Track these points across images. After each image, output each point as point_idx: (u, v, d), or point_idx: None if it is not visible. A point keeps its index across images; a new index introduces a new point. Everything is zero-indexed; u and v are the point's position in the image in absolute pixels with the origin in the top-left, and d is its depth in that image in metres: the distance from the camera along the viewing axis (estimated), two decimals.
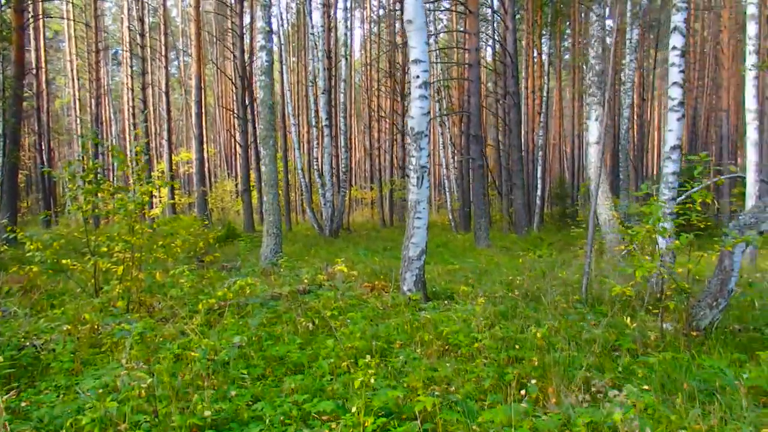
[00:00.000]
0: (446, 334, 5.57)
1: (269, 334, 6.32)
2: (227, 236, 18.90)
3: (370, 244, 19.36)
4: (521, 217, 22.99)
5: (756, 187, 13.18)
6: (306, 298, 8.14)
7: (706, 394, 4.12)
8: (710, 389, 4.17)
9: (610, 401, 3.93)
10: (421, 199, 8.20)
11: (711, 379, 4.34)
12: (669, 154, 7.93)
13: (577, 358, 4.77)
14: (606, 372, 4.59)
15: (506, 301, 7.54)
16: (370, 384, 4.43)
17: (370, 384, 4.43)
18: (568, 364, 4.58)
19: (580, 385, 4.23)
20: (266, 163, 12.17)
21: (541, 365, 4.60)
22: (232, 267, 12.24)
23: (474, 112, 19.61)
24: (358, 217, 40.26)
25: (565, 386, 4.15)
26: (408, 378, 4.41)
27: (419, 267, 8.42)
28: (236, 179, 39.19)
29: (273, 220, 12.19)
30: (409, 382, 4.35)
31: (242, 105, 26.21)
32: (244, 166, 26.46)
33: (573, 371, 4.48)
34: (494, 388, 4.51)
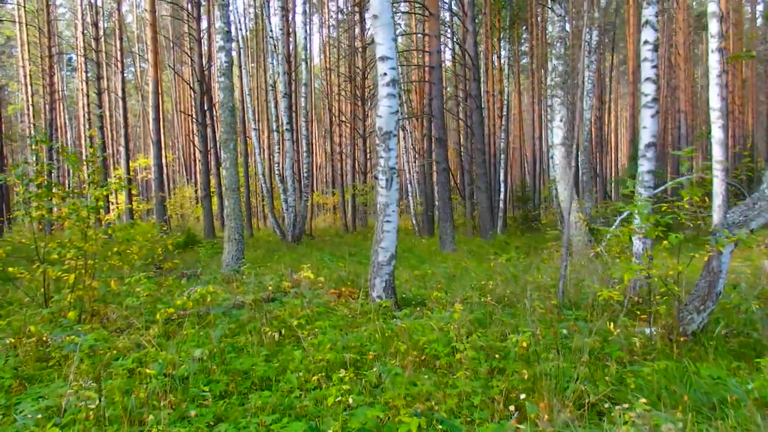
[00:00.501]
0: (422, 344, 5.27)
1: (232, 345, 5.96)
2: (187, 243, 18.36)
3: (334, 250, 19.00)
4: (486, 220, 22.87)
5: (722, 186, 13.22)
6: (271, 306, 7.78)
7: (709, 407, 3.89)
8: (712, 401, 3.94)
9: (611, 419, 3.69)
10: (391, 202, 7.91)
11: (712, 390, 4.10)
12: (644, 152, 7.78)
13: (566, 369, 4.50)
14: (597, 383, 4.33)
15: (481, 307, 7.29)
16: (344, 401, 4.12)
17: (344, 401, 4.12)
18: (557, 375, 4.30)
19: (573, 400, 3.96)
20: (227, 166, 11.74)
21: (531, 377, 4.32)
22: (192, 274, 11.78)
23: (437, 115, 19.42)
24: (320, 223, 39.82)
25: (558, 401, 3.87)
26: (386, 394, 4.09)
27: (389, 272, 8.12)
28: (196, 185, 38.44)
29: (235, 226, 11.76)
30: (388, 398, 4.03)
31: (201, 110, 25.63)
32: (204, 172, 25.87)
33: (563, 383, 4.21)
34: (480, 403, 4.23)
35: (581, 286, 8.24)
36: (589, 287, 8.21)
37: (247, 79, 25.91)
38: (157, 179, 24.59)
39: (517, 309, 7.59)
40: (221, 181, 27.14)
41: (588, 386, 4.20)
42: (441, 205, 19.22)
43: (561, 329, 5.97)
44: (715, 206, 13.75)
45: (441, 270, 13.00)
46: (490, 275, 11.03)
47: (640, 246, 7.87)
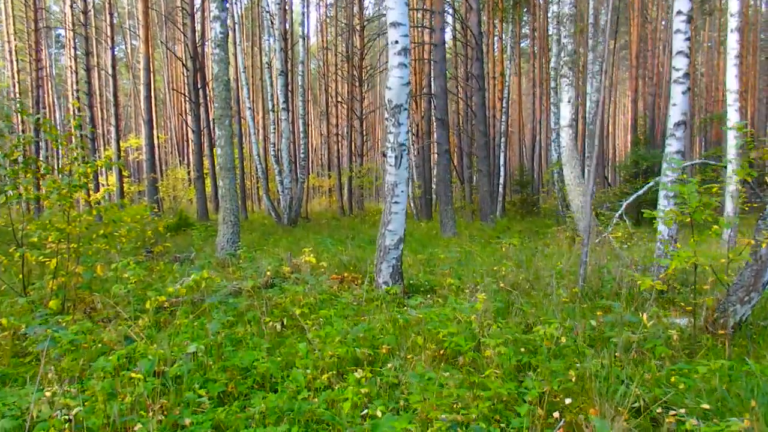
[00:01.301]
0: (442, 336, 4.72)
1: (230, 337, 5.39)
2: (179, 225, 17.74)
3: (332, 233, 18.42)
4: (486, 204, 22.31)
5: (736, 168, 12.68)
6: (270, 292, 7.22)
7: None
8: None
9: (668, 427, 3.15)
10: (400, 181, 7.33)
11: None
12: (673, 131, 7.22)
13: (613, 369, 3.94)
14: (646, 385, 3.78)
15: (498, 295, 6.74)
16: (362, 405, 3.58)
17: (362, 405, 3.58)
18: (606, 376, 3.75)
19: (629, 407, 3.40)
20: (221, 144, 11.11)
21: (573, 378, 3.78)
22: (185, 258, 11.20)
23: (440, 95, 18.77)
24: (316, 206, 39.21)
25: (611, 406, 3.31)
26: (412, 397, 3.53)
27: (396, 257, 7.58)
28: (188, 167, 37.72)
29: (230, 207, 11.16)
30: (414, 404, 3.48)
31: (194, 88, 24.89)
32: (197, 152, 25.18)
33: (612, 385, 3.67)
34: (512, 406, 3.70)
35: (601, 273, 7.70)
36: (610, 273, 7.68)
37: (242, 57, 25.13)
38: (149, 160, 23.88)
39: (532, 296, 7.07)
40: (215, 162, 26.49)
41: (641, 389, 3.66)
42: (442, 188, 18.64)
43: (589, 320, 5.44)
44: (727, 194, 13.22)
45: (445, 254, 12.47)
46: (498, 260, 10.50)
47: (665, 231, 7.33)
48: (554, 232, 16.49)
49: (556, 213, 24.26)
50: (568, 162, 15.63)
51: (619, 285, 6.87)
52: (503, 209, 28.89)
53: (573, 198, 15.49)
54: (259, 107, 39.87)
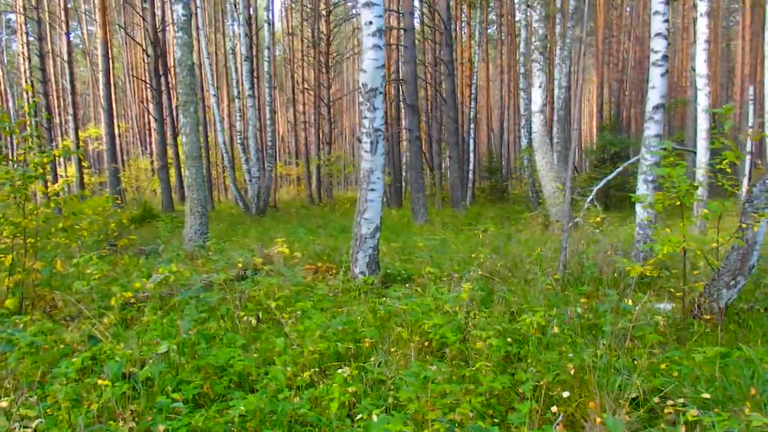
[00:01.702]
0: (427, 328, 4.48)
1: (202, 333, 5.08)
2: (144, 217, 17.20)
3: (302, 222, 18.09)
4: (457, 191, 22.17)
5: (707, 155, 12.68)
6: (243, 285, 6.90)
7: None
8: None
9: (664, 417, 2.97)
10: (376, 168, 7.06)
11: None
12: (651, 114, 7.07)
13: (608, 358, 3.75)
14: (643, 375, 3.59)
15: (479, 282, 6.53)
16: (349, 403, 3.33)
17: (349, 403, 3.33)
18: (605, 367, 3.54)
19: (629, 399, 3.21)
20: (186, 132, 10.69)
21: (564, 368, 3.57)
22: (151, 251, 10.79)
23: (410, 81, 18.50)
24: (284, 195, 38.68)
25: (612, 399, 3.12)
26: (402, 395, 3.29)
27: (373, 246, 7.33)
28: (151, 156, 36.88)
29: (197, 197, 10.75)
30: (406, 402, 3.23)
31: (155, 75, 24.19)
32: (160, 141, 24.50)
33: (608, 376, 3.47)
34: (505, 400, 3.49)
35: (581, 259, 7.54)
36: (590, 259, 7.52)
37: (205, 43, 24.50)
38: (110, 150, 23.16)
39: (513, 284, 6.88)
40: (179, 151, 25.86)
41: (640, 379, 3.47)
42: (413, 175, 18.40)
43: (575, 308, 5.26)
44: (698, 177, 13.23)
45: (424, 242, 12.26)
46: (473, 247, 10.30)
47: (644, 215, 7.20)
48: (527, 218, 16.39)
49: (527, 199, 24.25)
50: (539, 148, 15.52)
51: (600, 270, 6.71)
52: (473, 196, 28.79)
53: (545, 184, 15.41)
54: (224, 95, 39.14)
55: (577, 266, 7.33)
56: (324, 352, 4.20)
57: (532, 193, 23.86)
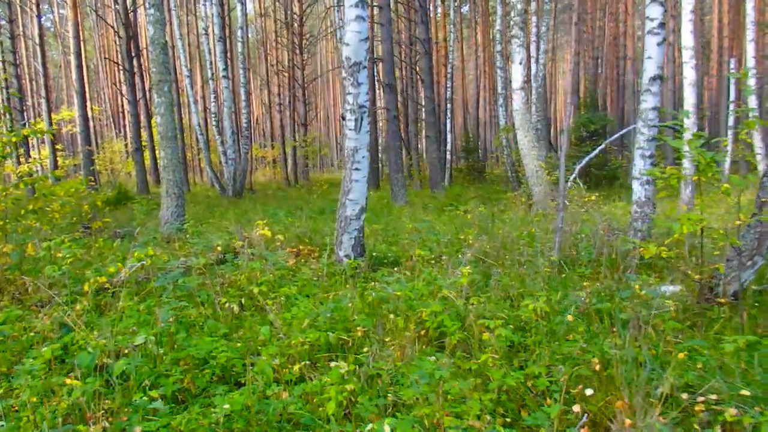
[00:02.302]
0: (425, 316, 4.26)
1: (181, 321, 4.83)
2: (119, 199, 16.78)
3: (279, 204, 17.77)
4: (436, 172, 21.96)
5: (694, 129, 12.57)
6: (223, 269, 6.64)
7: None
8: None
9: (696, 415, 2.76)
10: (360, 147, 6.81)
11: None
12: (648, 86, 6.87)
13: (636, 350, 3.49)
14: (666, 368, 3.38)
15: (473, 266, 6.32)
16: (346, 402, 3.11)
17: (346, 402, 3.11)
18: (627, 361, 3.30)
19: (661, 397, 2.94)
20: (161, 112, 10.32)
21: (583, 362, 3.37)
22: (126, 234, 10.45)
23: (387, 59, 18.18)
24: (260, 177, 38.18)
25: (642, 398, 2.87)
26: (405, 393, 3.06)
27: (358, 228, 7.09)
28: (125, 139, 36.14)
29: (173, 179, 10.41)
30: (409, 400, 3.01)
31: (128, 56, 23.56)
32: (134, 123, 23.95)
33: (635, 370, 3.23)
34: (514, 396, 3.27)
35: (577, 239, 7.37)
36: (587, 239, 7.33)
37: (177, 23, 23.91)
38: (83, 132, 22.59)
39: (505, 266, 6.70)
40: (153, 134, 25.32)
41: (672, 374, 3.21)
42: (392, 155, 18.13)
43: (578, 292, 5.08)
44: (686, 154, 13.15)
45: (400, 224, 12.04)
46: (458, 228, 10.11)
47: (641, 193, 7.03)
48: (509, 198, 16.24)
49: (506, 179, 24.12)
50: (521, 126, 15.34)
51: (599, 251, 6.54)
52: (450, 177, 28.60)
53: (527, 163, 15.24)
54: (197, 77, 38.40)
55: (572, 247, 7.16)
56: (314, 342, 3.96)
57: (511, 172, 23.72)
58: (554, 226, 9.95)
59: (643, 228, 7.03)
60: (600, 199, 14.71)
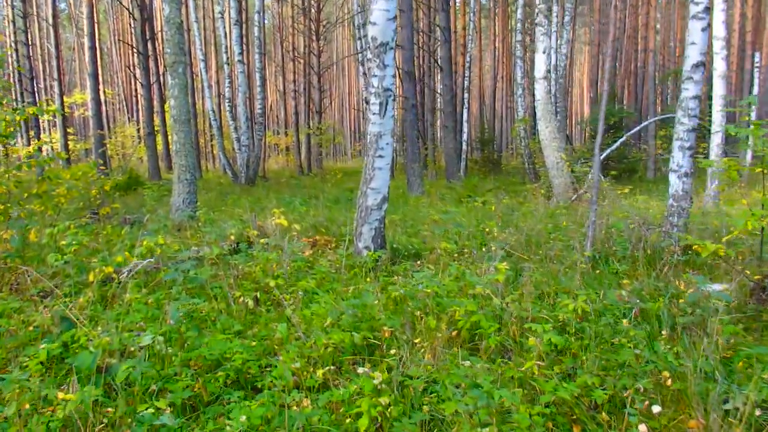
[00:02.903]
0: (458, 316, 3.87)
1: (192, 315, 4.48)
2: (129, 185, 16.45)
3: (293, 193, 17.42)
4: (453, 162, 21.53)
5: (723, 121, 12.10)
6: (236, 259, 6.27)
7: None
8: None
9: None
10: (385, 132, 6.40)
11: None
12: (690, 74, 6.42)
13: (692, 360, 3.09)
14: (736, 381, 2.98)
15: (502, 260, 5.93)
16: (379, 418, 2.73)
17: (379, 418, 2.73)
18: (695, 372, 2.90)
19: (742, 417, 2.55)
20: (175, 94, 9.96)
21: (641, 373, 2.96)
22: (136, 220, 10.12)
23: (407, 46, 17.71)
24: (273, 164, 37.87)
25: (720, 417, 2.48)
26: (447, 408, 2.67)
27: (379, 219, 6.70)
28: (138, 124, 35.90)
29: (186, 164, 10.05)
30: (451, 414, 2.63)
31: (142, 39, 23.20)
32: (147, 107, 23.63)
33: (703, 383, 2.84)
34: (563, 408, 2.88)
35: (610, 233, 6.94)
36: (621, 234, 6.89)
37: (194, 5, 23.53)
38: (95, 115, 22.27)
39: (535, 261, 6.30)
40: (166, 118, 25.01)
41: (753, 389, 2.80)
42: (410, 144, 17.69)
43: (618, 290, 4.67)
44: (713, 146, 12.68)
45: (419, 214, 11.65)
46: (479, 220, 9.70)
47: (679, 186, 6.59)
48: (528, 190, 15.79)
49: (523, 171, 23.65)
50: (543, 116, 14.89)
51: (634, 246, 6.13)
52: (466, 168, 28.12)
53: (548, 154, 14.81)
54: (212, 62, 38.12)
55: (604, 242, 6.74)
56: (338, 344, 3.58)
57: (529, 164, 23.24)
58: (578, 219, 9.55)
59: (680, 223, 6.60)
60: (621, 194, 14.27)
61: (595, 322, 4.09)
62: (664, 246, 5.89)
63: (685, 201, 6.54)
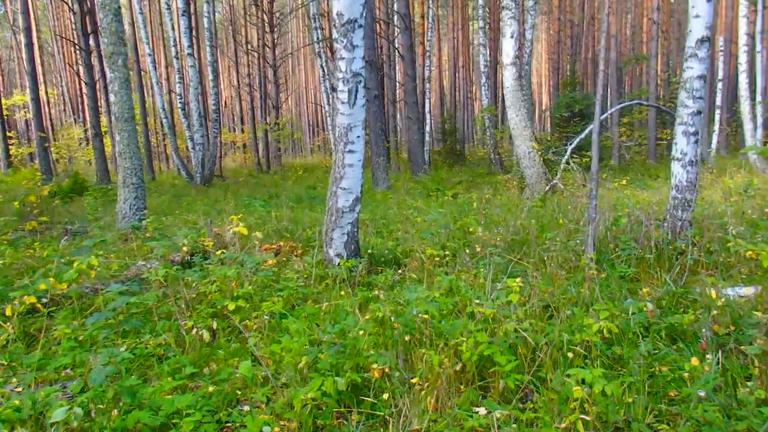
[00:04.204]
0: (465, 348, 3.10)
1: (134, 353, 3.65)
2: (74, 190, 15.30)
3: (252, 193, 16.49)
4: (418, 155, 20.83)
5: None
6: (190, 275, 5.40)
7: None
8: None
9: None
10: (356, 123, 5.61)
11: None
12: (695, 50, 5.75)
13: None
14: None
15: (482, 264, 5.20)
16: None
17: None
18: None
19: None
20: (116, 89, 8.97)
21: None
22: (79, 230, 9.15)
23: (368, 34, 16.86)
24: (230, 163, 36.66)
25: None
26: None
27: (352, 222, 5.91)
28: (85, 125, 34.29)
29: (132, 166, 9.07)
30: None
31: (83, 34, 21.89)
32: (92, 107, 22.29)
33: None
34: None
35: (611, 231, 6.25)
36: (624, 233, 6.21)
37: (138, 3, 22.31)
38: (36, 116, 20.94)
39: (528, 263, 5.59)
40: (110, 109, 23.68)
41: None
42: (373, 137, 16.88)
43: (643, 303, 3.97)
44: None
45: (387, 212, 10.90)
46: (455, 217, 8.96)
47: (683, 176, 5.93)
48: (499, 181, 15.15)
49: (489, 162, 23.07)
50: (512, 104, 14.23)
51: (640, 245, 5.45)
52: (429, 160, 27.47)
53: (519, 144, 14.16)
54: (161, 58, 36.69)
55: (604, 240, 6.05)
56: (319, 400, 2.78)
57: (494, 155, 22.68)
58: (562, 212, 8.89)
59: (686, 217, 5.95)
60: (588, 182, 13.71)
61: (625, 344, 3.39)
62: (682, 245, 5.21)
63: (690, 192, 5.89)
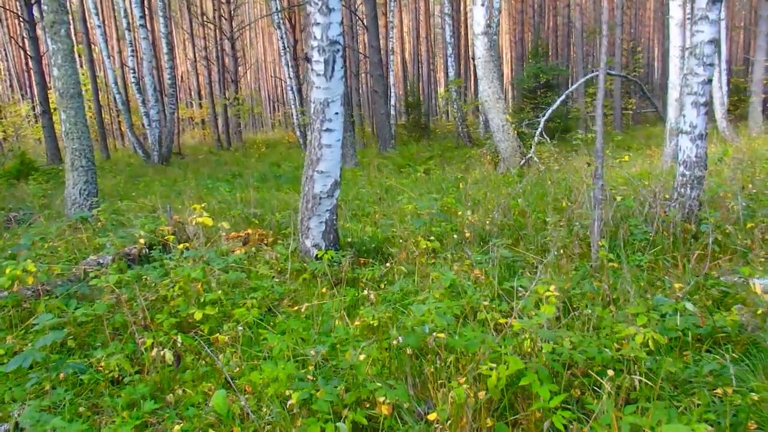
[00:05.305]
0: (485, 370, 2.53)
1: (80, 379, 3.01)
2: (21, 171, 14.26)
3: (214, 171, 15.67)
4: (384, 129, 20.16)
5: (680, 77, 11.13)
6: (149, 272, 4.71)
7: None
8: None
9: None
10: (334, 99, 4.95)
11: None
12: (706, 12, 5.20)
13: None
14: None
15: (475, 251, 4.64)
16: None
17: None
18: None
19: None
20: (59, 62, 8.10)
21: None
22: (24, 218, 8.34)
23: None
24: (189, 140, 35.40)
25: None
26: None
27: (330, 209, 5.28)
28: (33, 102, 32.69)
29: (80, 147, 8.24)
30: None
31: (26, 3, 20.55)
32: (40, 82, 20.99)
33: None
34: None
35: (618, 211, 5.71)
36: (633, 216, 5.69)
37: None
38: None
39: (528, 252, 5.04)
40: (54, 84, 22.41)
41: None
42: None
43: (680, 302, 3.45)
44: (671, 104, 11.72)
45: (360, 192, 10.27)
46: (435, 197, 8.35)
47: (692, 150, 5.42)
48: (473, 156, 14.60)
49: (457, 134, 22.56)
50: (485, 75, 13.65)
51: (655, 231, 4.94)
52: (395, 134, 26.79)
53: (493, 117, 13.62)
54: (112, 31, 35.13)
55: (607, 224, 5.51)
56: None
57: (462, 128, 22.17)
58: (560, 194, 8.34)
59: (696, 196, 5.46)
60: (572, 155, 13.33)
61: (672, 356, 2.86)
62: (704, 230, 4.71)
63: (699, 168, 5.39)
